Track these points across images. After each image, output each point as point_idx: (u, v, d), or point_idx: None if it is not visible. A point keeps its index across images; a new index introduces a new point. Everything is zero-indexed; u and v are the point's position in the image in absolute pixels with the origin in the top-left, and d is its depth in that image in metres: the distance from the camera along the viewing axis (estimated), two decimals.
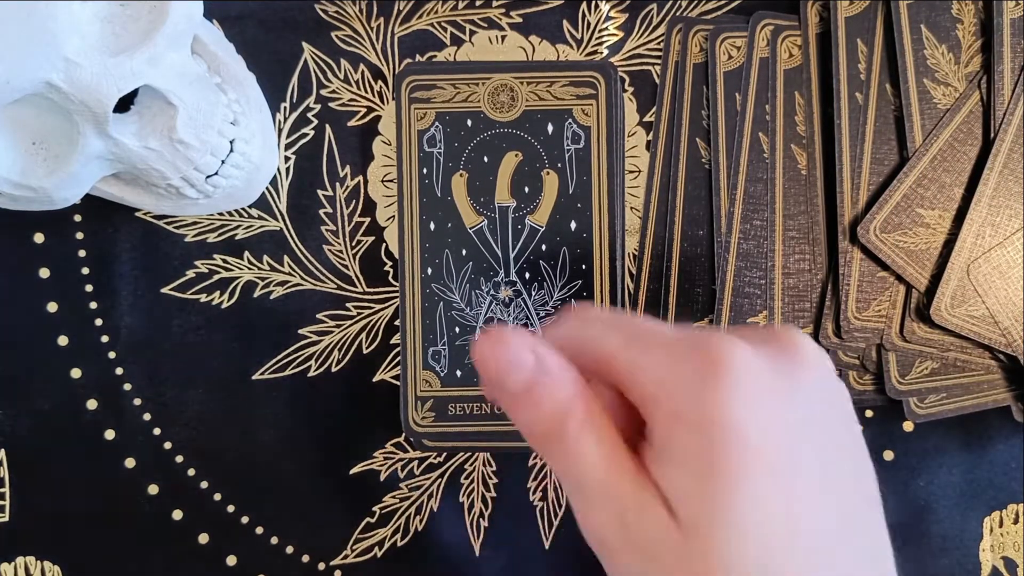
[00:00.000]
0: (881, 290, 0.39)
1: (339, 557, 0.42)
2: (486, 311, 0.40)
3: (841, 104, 0.40)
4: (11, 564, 0.41)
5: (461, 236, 0.40)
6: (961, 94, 0.39)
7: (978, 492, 0.42)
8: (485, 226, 0.40)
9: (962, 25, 0.39)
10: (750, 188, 0.41)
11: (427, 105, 0.40)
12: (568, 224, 0.40)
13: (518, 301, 0.40)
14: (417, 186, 0.40)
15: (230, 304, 0.42)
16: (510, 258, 0.40)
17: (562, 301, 0.40)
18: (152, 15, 0.34)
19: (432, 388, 0.40)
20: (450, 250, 0.40)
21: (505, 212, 0.40)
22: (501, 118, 0.40)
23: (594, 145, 0.40)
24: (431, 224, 0.40)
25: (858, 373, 0.40)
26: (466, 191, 0.40)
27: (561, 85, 0.40)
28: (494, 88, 0.40)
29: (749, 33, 0.41)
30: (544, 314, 0.40)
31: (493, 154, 0.40)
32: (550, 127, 0.40)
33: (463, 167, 0.40)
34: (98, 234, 0.42)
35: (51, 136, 0.34)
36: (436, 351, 0.40)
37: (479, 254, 0.40)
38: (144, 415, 0.42)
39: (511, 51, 0.42)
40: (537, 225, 0.40)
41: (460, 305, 0.40)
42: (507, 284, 0.40)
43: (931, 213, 0.39)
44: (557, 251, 0.40)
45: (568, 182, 0.40)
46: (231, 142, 0.38)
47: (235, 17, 0.42)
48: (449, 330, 0.40)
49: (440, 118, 0.40)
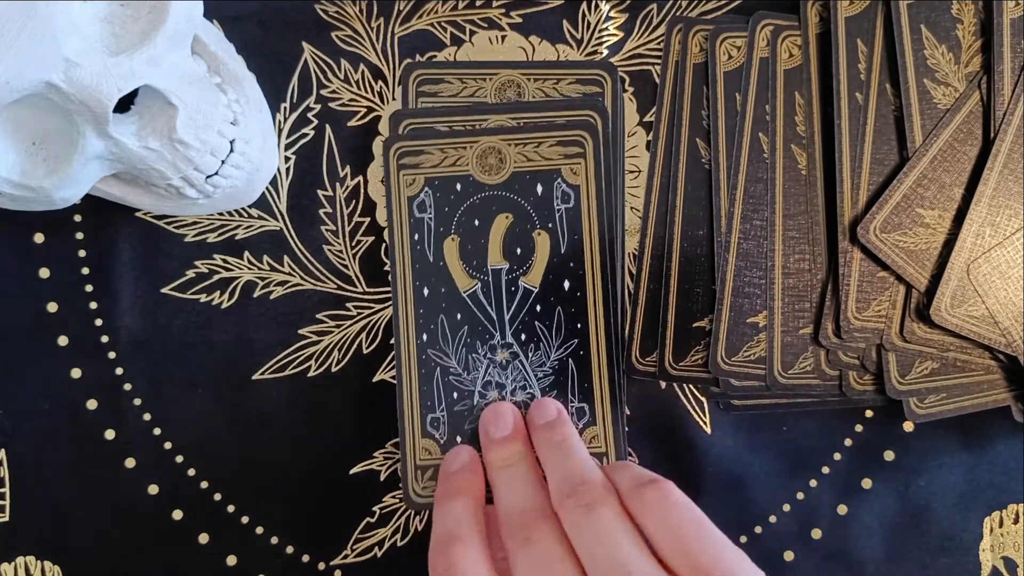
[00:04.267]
0: (881, 290, 0.39)
1: (339, 557, 0.42)
2: (484, 375, 0.40)
3: (841, 104, 0.40)
4: (11, 564, 0.41)
5: (455, 300, 0.40)
6: (961, 94, 0.39)
7: (978, 492, 0.42)
8: (479, 289, 0.40)
9: (962, 25, 0.39)
10: (750, 188, 0.41)
11: (416, 171, 0.40)
12: (562, 284, 0.40)
13: (515, 363, 0.40)
14: (409, 253, 0.40)
15: (230, 304, 0.42)
16: (505, 320, 0.40)
17: (559, 362, 0.40)
18: (152, 15, 0.34)
19: (432, 456, 0.40)
20: (445, 315, 0.40)
21: (498, 275, 0.40)
22: (490, 181, 0.40)
23: (584, 203, 0.40)
24: (424, 290, 0.40)
25: (858, 373, 0.40)
26: (458, 255, 0.40)
27: (549, 145, 0.40)
28: (482, 151, 0.40)
29: (749, 33, 0.41)
30: (542, 375, 0.40)
31: (484, 217, 0.40)
32: (539, 188, 0.40)
33: (454, 231, 0.40)
34: (98, 234, 0.42)
35: (51, 136, 0.34)
36: (435, 418, 0.40)
37: (474, 318, 0.40)
38: (144, 415, 0.42)
39: (511, 51, 0.42)
40: (531, 286, 0.40)
41: (457, 370, 0.40)
42: (504, 347, 0.40)
43: (931, 213, 0.39)
44: (552, 312, 0.40)
45: (560, 242, 0.40)
46: (231, 142, 0.38)
47: (235, 17, 0.42)
48: (447, 396, 0.40)
49: (429, 183, 0.40)
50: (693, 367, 0.41)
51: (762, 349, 0.40)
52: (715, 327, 0.40)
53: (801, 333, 0.40)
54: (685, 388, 0.42)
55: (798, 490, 0.42)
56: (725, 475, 0.42)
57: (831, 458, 0.42)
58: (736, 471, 0.42)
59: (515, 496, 0.35)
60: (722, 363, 0.40)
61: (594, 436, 0.40)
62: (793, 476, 0.42)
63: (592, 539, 0.30)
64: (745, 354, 0.40)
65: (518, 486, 0.35)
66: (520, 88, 0.40)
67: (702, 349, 0.41)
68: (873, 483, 0.42)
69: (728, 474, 0.42)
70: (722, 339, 0.40)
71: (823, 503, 0.42)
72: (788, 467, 0.42)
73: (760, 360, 0.40)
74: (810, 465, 0.42)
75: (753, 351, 0.40)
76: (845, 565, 0.42)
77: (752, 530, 0.42)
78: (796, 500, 0.42)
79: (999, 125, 0.38)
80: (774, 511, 0.42)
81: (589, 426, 0.40)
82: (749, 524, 0.42)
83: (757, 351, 0.40)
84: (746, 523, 0.42)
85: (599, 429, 0.40)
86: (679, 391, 0.42)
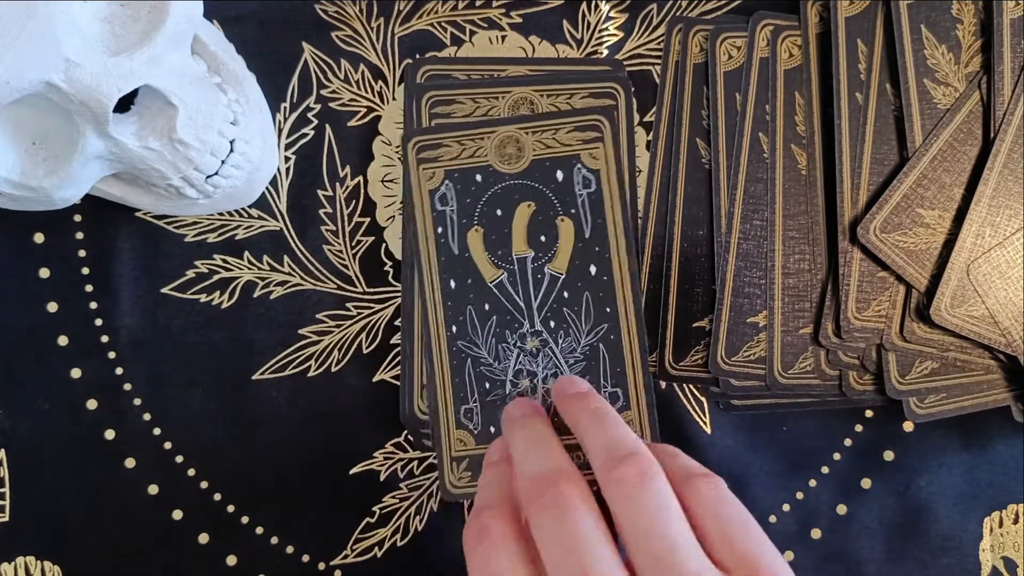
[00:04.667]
0: (881, 290, 0.39)
1: (339, 557, 0.42)
2: (514, 364, 0.40)
3: (841, 104, 0.40)
4: (11, 564, 0.41)
5: (482, 291, 0.40)
6: (961, 94, 0.39)
7: (978, 492, 0.42)
8: (505, 279, 0.40)
9: (962, 25, 0.39)
10: (750, 188, 0.41)
11: (435, 164, 0.40)
12: (588, 268, 0.40)
13: (545, 351, 0.40)
14: (434, 246, 0.40)
15: (230, 304, 0.42)
16: (533, 308, 0.40)
17: (590, 347, 0.40)
18: (152, 15, 0.34)
19: (467, 447, 0.40)
20: (473, 306, 0.40)
21: (524, 263, 0.40)
22: (510, 170, 0.40)
23: (605, 187, 0.40)
24: (451, 282, 0.40)
25: (858, 373, 0.40)
26: (483, 246, 0.40)
27: (566, 131, 0.40)
28: (500, 141, 0.40)
29: (749, 33, 0.41)
30: (573, 361, 0.40)
31: (506, 206, 0.40)
32: (559, 174, 0.40)
33: (477, 222, 0.40)
34: (98, 234, 0.42)
35: (51, 136, 0.34)
36: (468, 408, 0.40)
37: (502, 307, 0.40)
38: (144, 415, 0.42)
39: (511, 51, 0.42)
40: (557, 273, 0.40)
41: (488, 360, 0.40)
42: (533, 335, 0.40)
43: (931, 213, 0.39)
44: (580, 297, 0.40)
45: (584, 227, 0.40)
46: (231, 142, 0.38)
47: (235, 17, 0.42)
48: (479, 386, 0.40)
49: (449, 176, 0.40)
50: (693, 367, 0.41)
51: (762, 349, 0.40)
52: (715, 327, 0.40)
53: (801, 333, 0.40)
54: (685, 388, 0.42)
55: (798, 490, 0.42)
56: (725, 475, 0.41)
57: (831, 458, 0.42)
58: (736, 471, 0.42)
59: (539, 458, 0.32)
60: (722, 363, 0.40)
61: (629, 421, 0.39)
62: (793, 476, 0.42)
63: (642, 510, 0.29)
64: (745, 354, 0.40)
65: (542, 449, 0.33)
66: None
67: (702, 349, 0.41)
68: (873, 483, 0.42)
69: (728, 474, 0.42)
70: (722, 339, 0.40)
71: (823, 503, 0.42)
72: (788, 467, 0.42)
73: (760, 360, 0.40)
74: (810, 465, 0.42)
75: (753, 351, 0.40)
76: (845, 565, 0.42)
77: None
78: (796, 500, 0.42)
79: (999, 125, 0.38)
80: (774, 511, 0.42)
81: (624, 410, 0.39)
82: None
83: (757, 351, 0.40)
84: None
85: (633, 413, 0.39)
86: (679, 391, 0.42)
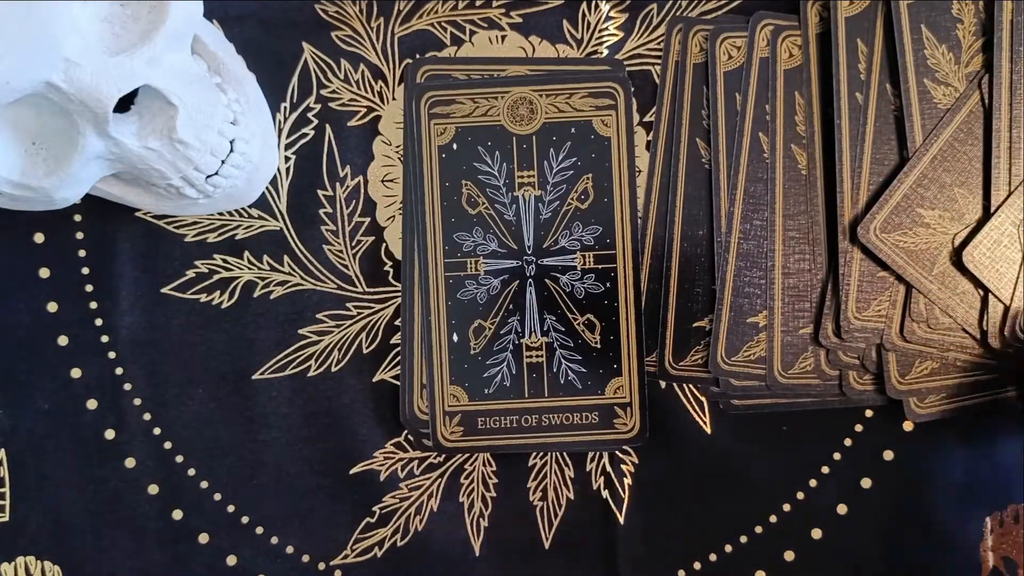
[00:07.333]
0: (881, 290, 0.39)
1: (339, 557, 0.42)
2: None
3: (841, 104, 0.40)
4: (11, 564, 0.41)
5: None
6: (961, 94, 0.39)
7: (978, 492, 0.42)
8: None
9: (962, 25, 0.39)
10: (750, 188, 0.41)
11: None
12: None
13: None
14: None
15: (230, 304, 0.42)
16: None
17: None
18: (152, 15, 0.34)
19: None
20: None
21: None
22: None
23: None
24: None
25: (858, 373, 0.40)
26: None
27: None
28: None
29: (749, 33, 0.41)
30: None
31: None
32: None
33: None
34: (98, 234, 0.42)
35: (51, 136, 0.34)
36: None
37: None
38: (144, 415, 0.42)
39: (511, 51, 0.42)
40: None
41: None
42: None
43: (931, 213, 0.39)
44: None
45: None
46: (231, 142, 0.38)
47: (235, 17, 0.42)
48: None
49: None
50: (693, 367, 0.41)
51: (762, 349, 0.40)
52: (715, 327, 0.40)
53: (801, 333, 0.40)
54: (685, 388, 0.42)
55: (798, 490, 0.42)
56: (725, 475, 0.42)
57: (831, 458, 0.42)
58: (736, 471, 0.42)
59: None
60: (722, 363, 0.40)
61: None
62: (793, 476, 0.42)
63: None
64: (745, 354, 0.40)
65: None
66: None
67: (702, 349, 0.41)
68: (873, 483, 0.42)
69: (728, 474, 0.42)
70: (722, 339, 0.40)
71: (823, 503, 0.42)
72: (788, 467, 0.42)
73: (760, 360, 0.40)
74: (810, 465, 0.42)
75: (753, 351, 0.40)
76: (845, 565, 0.42)
77: (752, 530, 0.42)
78: (796, 500, 0.42)
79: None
80: (774, 511, 0.42)
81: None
82: (749, 524, 0.42)
83: (757, 351, 0.40)
84: (746, 523, 0.42)
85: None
86: (679, 391, 0.42)
